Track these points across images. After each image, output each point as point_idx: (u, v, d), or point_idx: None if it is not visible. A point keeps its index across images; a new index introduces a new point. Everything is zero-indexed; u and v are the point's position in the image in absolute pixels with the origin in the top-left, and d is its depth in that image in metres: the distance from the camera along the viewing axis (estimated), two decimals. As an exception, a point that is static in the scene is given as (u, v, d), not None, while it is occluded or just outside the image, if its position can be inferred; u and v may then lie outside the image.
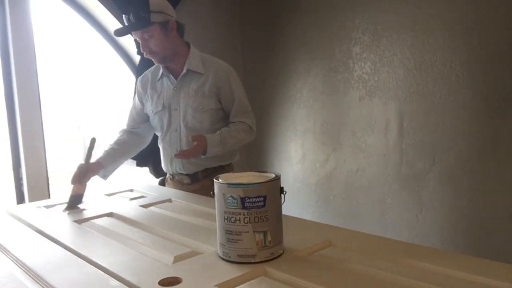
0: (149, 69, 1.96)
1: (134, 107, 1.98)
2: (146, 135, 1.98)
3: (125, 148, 1.90)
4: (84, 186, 1.69)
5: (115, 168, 1.88)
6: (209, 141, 1.71)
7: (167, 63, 1.83)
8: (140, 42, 1.74)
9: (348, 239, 1.14)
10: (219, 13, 3.20)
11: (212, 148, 1.72)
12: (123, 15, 1.71)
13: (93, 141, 1.67)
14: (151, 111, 1.90)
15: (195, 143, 1.70)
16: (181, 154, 1.69)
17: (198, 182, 1.89)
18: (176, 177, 1.94)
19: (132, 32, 1.73)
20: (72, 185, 1.66)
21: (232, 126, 1.82)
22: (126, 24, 1.71)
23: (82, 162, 1.70)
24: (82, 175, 1.68)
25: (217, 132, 1.77)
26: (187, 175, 1.90)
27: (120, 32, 1.73)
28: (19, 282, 0.95)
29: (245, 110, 1.87)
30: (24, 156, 2.38)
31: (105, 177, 1.84)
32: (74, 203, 1.63)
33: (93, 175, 1.74)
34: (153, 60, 1.80)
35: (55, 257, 1.08)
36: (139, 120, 1.96)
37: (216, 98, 1.82)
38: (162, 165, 1.98)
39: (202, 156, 1.75)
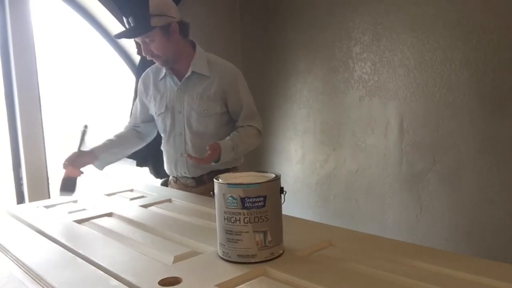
0: (151, 67, 1.91)
1: (135, 106, 1.96)
2: (147, 134, 1.96)
3: (123, 140, 1.88)
4: (77, 171, 1.68)
5: (112, 160, 1.85)
6: (223, 148, 1.65)
7: (170, 65, 1.77)
8: (141, 45, 1.69)
9: (348, 239, 1.14)
10: (219, 13, 3.20)
11: (225, 155, 1.66)
12: (123, 18, 1.66)
13: (85, 127, 1.65)
14: (154, 113, 1.86)
15: (208, 152, 1.63)
16: (195, 159, 1.63)
17: (203, 185, 1.84)
18: (180, 180, 1.91)
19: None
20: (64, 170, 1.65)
21: (241, 130, 1.76)
22: (127, 26, 1.66)
23: (76, 150, 1.68)
24: (73, 159, 1.66)
25: (228, 137, 1.71)
26: (192, 178, 1.86)
27: (120, 36, 1.68)
28: (19, 282, 0.95)
29: (253, 113, 1.82)
30: (24, 156, 2.38)
31: (99, 166, 1.80)
32: (66, 187, 1.63)
33: (87, 161, 1.72)
34: (156, 62, 1.76)
35: (55, 257, 1.08)
36: (139, 120, 1.94)
37: (222, 102, 1.77)
38: (166, 168, 1.94)
39: (213, 163, 1.69)
